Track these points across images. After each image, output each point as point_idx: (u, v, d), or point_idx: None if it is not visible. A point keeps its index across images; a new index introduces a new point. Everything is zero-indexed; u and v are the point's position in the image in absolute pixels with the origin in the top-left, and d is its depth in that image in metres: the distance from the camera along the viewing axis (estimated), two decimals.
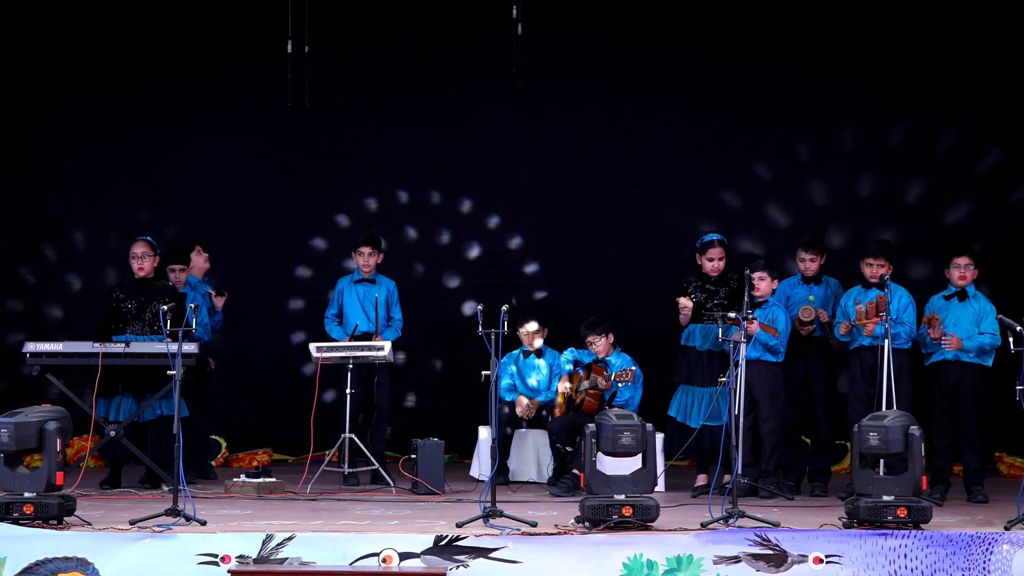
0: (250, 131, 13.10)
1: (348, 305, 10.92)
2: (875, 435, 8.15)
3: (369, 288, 10.89)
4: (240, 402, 12.90)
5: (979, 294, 9.95)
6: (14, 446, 8.16)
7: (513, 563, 7.66)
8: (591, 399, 10.54)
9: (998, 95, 12.33)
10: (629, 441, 8.19)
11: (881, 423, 8.20)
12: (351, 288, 10.95)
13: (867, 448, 8.18)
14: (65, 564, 7.63)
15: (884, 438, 8.12)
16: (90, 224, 13.06)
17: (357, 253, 10.94)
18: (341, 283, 11.04)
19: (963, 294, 9.90)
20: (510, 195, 13.07)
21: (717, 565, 7.68)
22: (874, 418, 8.34)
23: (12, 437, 8.13)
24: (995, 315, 9.68)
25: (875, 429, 8.17)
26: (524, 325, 11.01)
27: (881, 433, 8.14)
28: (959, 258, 9.93)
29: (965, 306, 9.88)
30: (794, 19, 12.52)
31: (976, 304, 9.88)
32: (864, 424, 8.26)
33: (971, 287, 9.92)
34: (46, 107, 13.04)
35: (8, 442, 8.13)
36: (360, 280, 10.94)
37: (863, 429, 8.21)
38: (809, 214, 12.61)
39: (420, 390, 12.99)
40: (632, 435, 8.18)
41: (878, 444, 8.14)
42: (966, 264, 9.90)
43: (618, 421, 8.22)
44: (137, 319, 10.34)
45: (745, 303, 9.54)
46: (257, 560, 7.64)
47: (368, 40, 13.11)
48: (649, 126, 12.94)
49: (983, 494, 9.79)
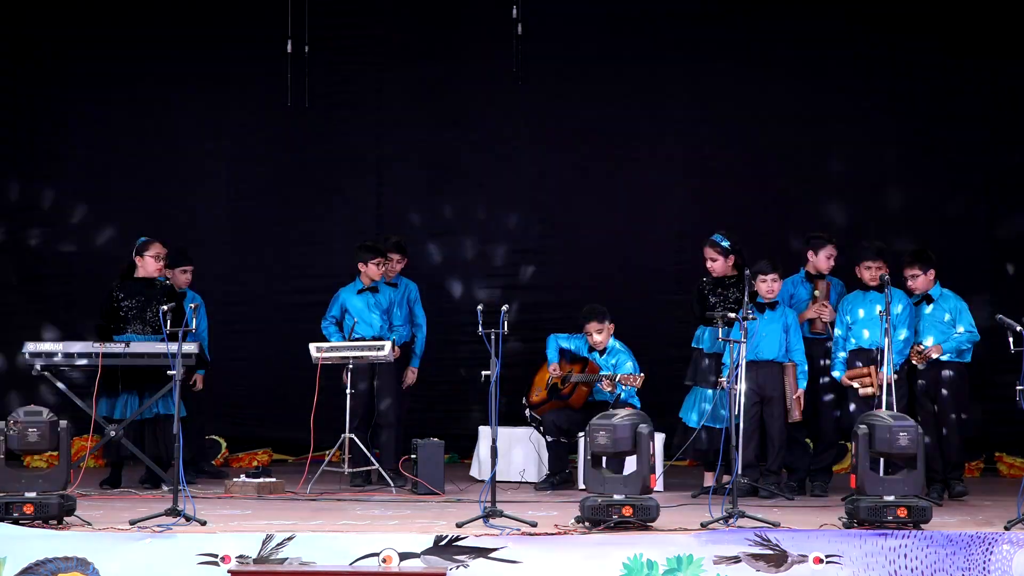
0: (250, 131, 13.09)
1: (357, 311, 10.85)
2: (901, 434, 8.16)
3: (388, 292, 10.86)
4: (240, 402, 12.89)
5: (946, 293, 9.98)
6: (46, 445, 8.25)
7: (513, 563, 7.66)
8: (580, 393, 10.58)
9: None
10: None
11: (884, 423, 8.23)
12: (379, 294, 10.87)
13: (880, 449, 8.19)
14: (65, 564, 7.63)
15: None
16: (90, 224, 13.04)
17: (386, 260, 10.86)
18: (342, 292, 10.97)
19: (928, 298, 9.94)
20: (510, 195, 13.06)
21: (717, 565, 7.68)
22: (872, 416, 8.35)
23: (43, 436, 8.20)
24: (965, 309, 9.83)
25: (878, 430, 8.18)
26: (587, 325, 10.72)
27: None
28: (871, 261, 10.03)
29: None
30: (794, 18, 12.51)
31: (946, 304, 9.91)
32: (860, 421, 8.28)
33: (935, 289, 9.93)
34: (45, 106, 13.02)
35: (38, 441, 8.20)
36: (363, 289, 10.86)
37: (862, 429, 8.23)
38: (811, 215, 12.59)
39: (420, 390, 12.97)
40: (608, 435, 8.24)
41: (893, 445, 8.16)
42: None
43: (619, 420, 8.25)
44: (137, 319, 10.34)
45: (745, 304, 9.54)
46: (257, 560, 7.64)
47: (368, 40, 13.09)
48: (649, 126, 12.93)
49: (962, 486, 9.89)
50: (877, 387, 9.64)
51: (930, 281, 9.98)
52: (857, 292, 10.16)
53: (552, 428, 10.62)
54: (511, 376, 9.78)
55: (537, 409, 10.82)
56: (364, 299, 10.78)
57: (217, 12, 12.86)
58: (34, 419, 8.24)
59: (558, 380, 10.74)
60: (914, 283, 9.98)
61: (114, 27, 12.87)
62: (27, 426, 8.20)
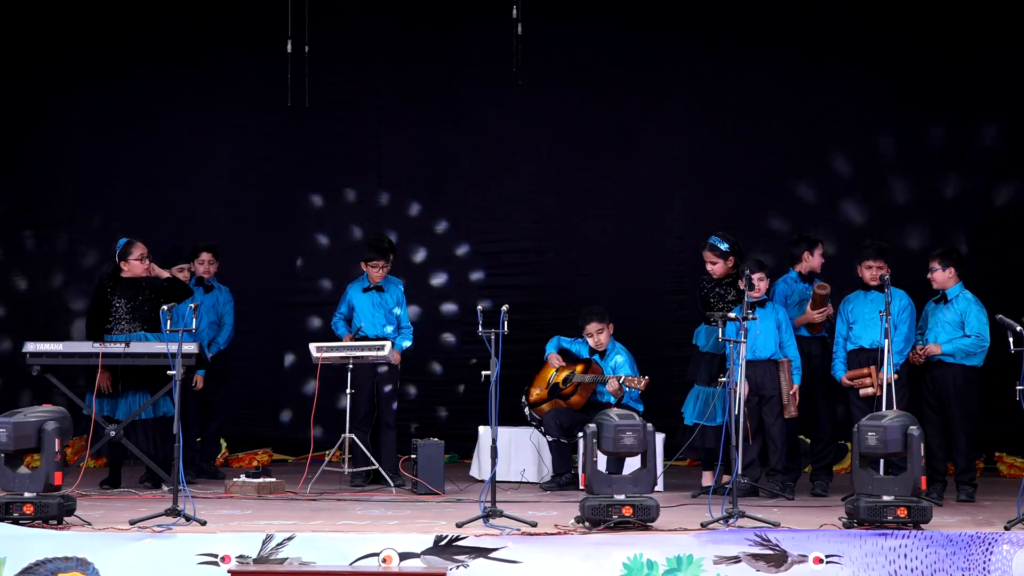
0: (250, 131, 13.10)
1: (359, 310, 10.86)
2: (873, 435, 8.16)
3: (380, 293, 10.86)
4: (240, 402, 12.89)
5: (965, 295, 9.94)
6: (12, 446, 8.17)
7: (513, 563, 7.66)
8: (581, 393, 10.58)
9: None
10: (631, 441, 8.20)
11: (879, 423, 8.22)
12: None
13: (866, 448, 8.19)
14: (65, 564, 7.63)
15: (883, 438, 8.13)
16: (90, 223, 13.04)
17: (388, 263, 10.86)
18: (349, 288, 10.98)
19: (944, 297, 9.92)
20: (510, 195, 13.07)
21: (717, 565, 7.67)
22: (873, 418, 8.36)
23: (11, 437, 8.15)
24: (979, 314, 9.75)
25: (873, 429, 8.18)
26: (587, 326, 10.75)
27: (879, 433, 8.15)
28: (872, 260, 10.00)
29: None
30: (793, 18, 12.52)
31: (959, 305, 9.89)
32: (863, 424, 8.28)
33: (954, 288, 9.91)
34: (46, 106, 13.02)
35: (7, 442, 8.15)
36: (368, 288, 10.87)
37: (861, 429, 8.23)
38: (811, 215, 12.61)
39: (420, 390, 12.99)
40: (634, 435, 8.20)
41: (876, 444, 8.16)
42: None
43: (620, 421, 8.24)
44: (129, 317, 10.32)
45: (744, 304, 9.54)
46: (257, 560, 7.64)
47: (368, 40, 13.10)
48: (649, 126, 12.93)
49: (967, 493, 9.85)
50: (877, 387, 9.63)
51: (948, 279, 9.91)
52: (858, 292, 10.16)
53: (553, 427, 10.62)
54: (512, 376, 9.78)
55: (536, 408, 10.82)
56: (369, 298, 10.79)
57: (217, 12, 12.87)
58: (5, 420, 8.21)
59: (559, 379, 10.73)
60: (931, 276, 9.94)
61: (114, 27, 12.89)
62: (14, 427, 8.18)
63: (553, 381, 10.78)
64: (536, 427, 10.89)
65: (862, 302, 10.07)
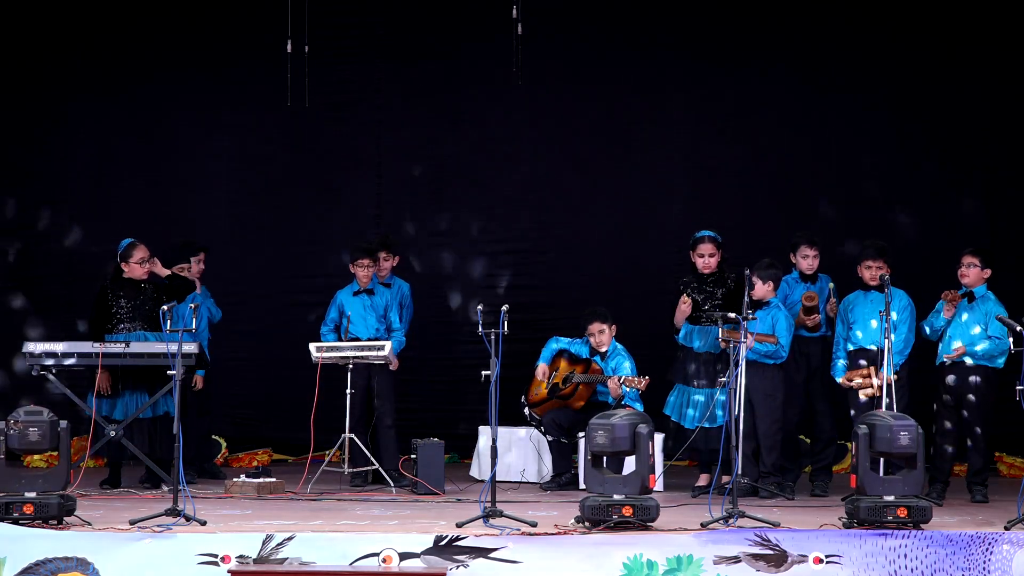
0: (250, 131, 13.09)
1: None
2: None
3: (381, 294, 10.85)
4: (240, 402, 12.89)
5: (988, 296, 9.91)
6: (47, 444, 8.27)
7: (513, 563, 7.66)
8: (581, 393, 10.57)
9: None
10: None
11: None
12: None
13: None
14: (65, 564, 7.63)
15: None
16: (90, 224, 13.04)
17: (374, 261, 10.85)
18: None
19: (971, 296, 9.88)
20: (510, 195, 13.07)
21: (717, 565, 7.68)
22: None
23: (43, 435, 8.22)
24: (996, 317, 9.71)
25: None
26: (590, 326, 10.72)
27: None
28: (871, 260, 9.97)
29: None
30: (793, 19, 12.52)
31: (984, 306, 9.85)
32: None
33: (980, 288, 9.88)
34: (46, 107, 13.02)
35: (38, 440, 8.22)
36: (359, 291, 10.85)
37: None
38: (814, 215, 12.61)
39: (420, 390, 12.98)
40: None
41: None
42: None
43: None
44: (131, 318, 10.32)
45: (745, 303, 9.53)
46: (257, 560, 7.64)
47: (368, 40, 13.10)
48: (649, 126, 12.93)
49: (983, 494, 9.81)
50: (877, 388, 9.62)
51: (981, 279, 9.90)
52: (858, 292, 10.14)
53: (552, 427, 10.63)
54: (512, 376, 9.78)
55: (536, 408, 10.82)
56: (360, 300, 10.79)
57: (217, 12, 12.87)
58: (35, 419, 8.25)
59: (559, 379, 10.73)
60: (966, 271, 9.86)
61: (114, 27, 12.88)
62: (28, 425, 8.21)
63: (553, 381, 10.78)
64: (536, 427, 10.89)
65: (862, 302, 10.06)
